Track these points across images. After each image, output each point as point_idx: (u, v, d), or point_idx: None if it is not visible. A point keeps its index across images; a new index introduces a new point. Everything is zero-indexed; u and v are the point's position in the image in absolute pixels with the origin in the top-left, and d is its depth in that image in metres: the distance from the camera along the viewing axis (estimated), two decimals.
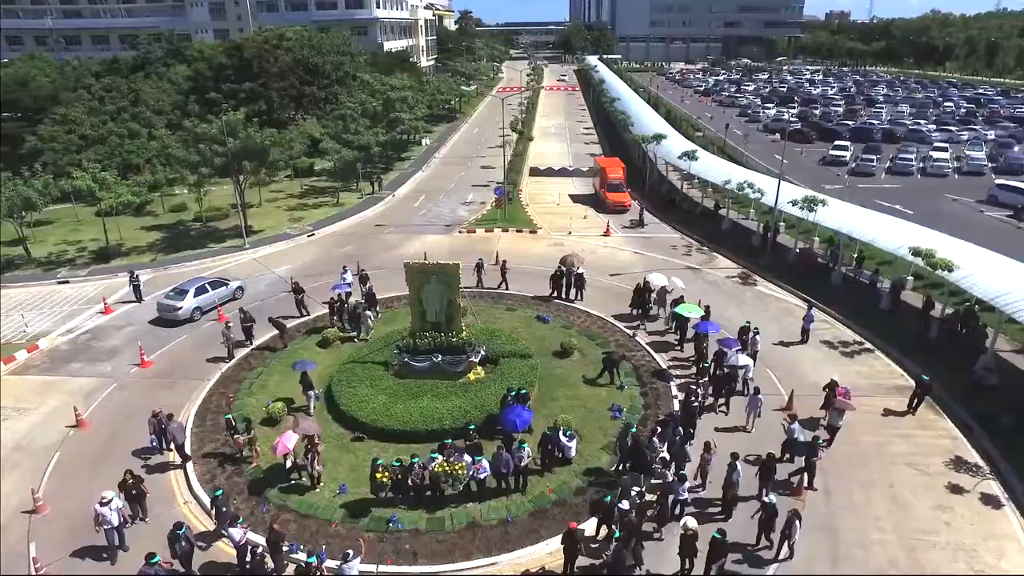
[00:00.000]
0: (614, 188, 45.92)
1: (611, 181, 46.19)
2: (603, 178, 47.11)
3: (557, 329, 26.99)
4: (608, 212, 44.41)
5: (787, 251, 35.29)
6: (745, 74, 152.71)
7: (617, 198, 45.45)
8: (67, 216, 45.58)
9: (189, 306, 29.10)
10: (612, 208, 44.85)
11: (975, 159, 56.29)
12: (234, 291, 31.41)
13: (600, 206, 46.00)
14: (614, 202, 45.20)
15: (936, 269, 24.31)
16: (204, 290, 29.96)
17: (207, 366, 25.02)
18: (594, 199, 48.03)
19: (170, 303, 29.03)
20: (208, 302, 29.87)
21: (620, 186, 46.24)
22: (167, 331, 28.28)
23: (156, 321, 29.07)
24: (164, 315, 29.01)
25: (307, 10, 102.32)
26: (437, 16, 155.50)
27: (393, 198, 50.06)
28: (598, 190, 48.31)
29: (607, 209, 44.83)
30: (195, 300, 29.41)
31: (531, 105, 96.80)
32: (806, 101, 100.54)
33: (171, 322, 28.72)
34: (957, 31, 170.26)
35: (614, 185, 46.04)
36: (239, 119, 40.52)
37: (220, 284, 31.01)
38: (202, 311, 29.54)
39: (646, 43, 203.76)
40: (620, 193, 45.84)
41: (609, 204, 45.17)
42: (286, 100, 66.01)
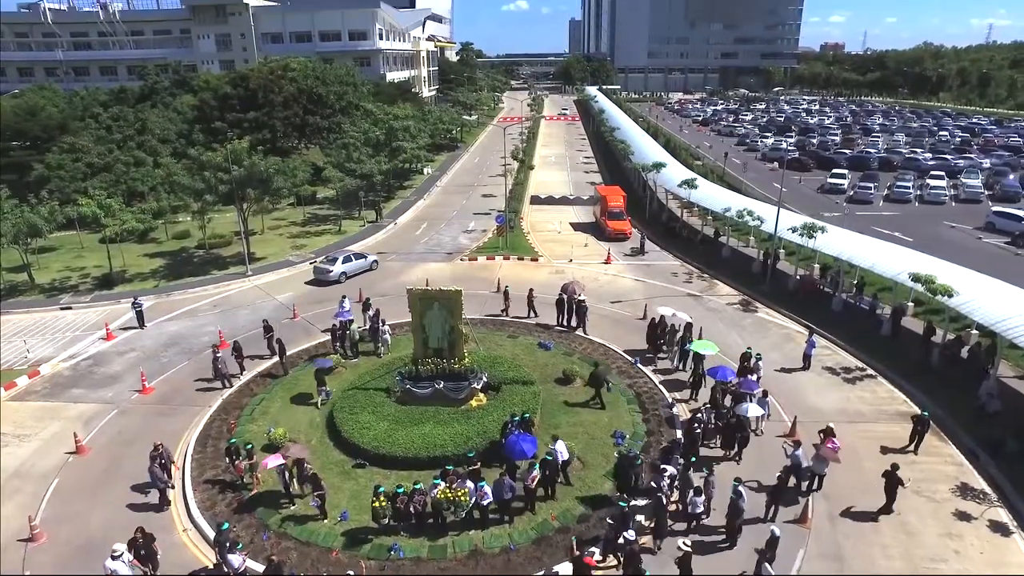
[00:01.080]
0: (614, 216, 46.25)
1: (611, 209, 46.54)
2: (603, 206, 47.45)
3: (559, 356, 26.97)
4: (609, 240, 44.65)
5: (787, 278, 35.42)
6: (743, 104, 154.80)
7: (617, 226, 45.74)
8: (71, 243, 45.87)
9: (338, 271, 37.03)
10: (613, 236, 45.12)
11: (971, 187, 56.84)
12: (371, 263, 39.07)
13: (601, 234, 46.28)
14: (615, 230, 45.47)
15: (936, 295, 24.41)
16: (349, 259, 38.09)
17: (208, 392, 24.96)
18: (595, 227, 48.32)
19: (324, 267, 37.13)
20: (352, 268, 37.74)
21: (620, 214, 46.58)
22: (168, 357, 28.29)
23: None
24: (319, 277, 37.08)
25: (311, 41, 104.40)
26: (439, 48, 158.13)
27: (395, 226, 50.39)
28: (599, 218, 48.61)
29: (607, 237, 45.11)
30: (343, 266, 37.36)
31: (532, 134, 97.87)
32: (803, 130, 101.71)
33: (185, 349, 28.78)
34: (949, 62, 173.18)
35: (614, 213, 46.38)
36: (244, 147, 41.03)
37: (361, 256, 39.31)
38: (347, 275, 37.22)
39: (645, 74, 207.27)
40: (620, 221, 46.17)
41: (610, 232, 45.44)
42: (290, 129, 66.87)
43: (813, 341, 26.34)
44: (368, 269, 38.73)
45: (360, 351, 27.68)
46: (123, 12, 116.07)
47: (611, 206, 46.75)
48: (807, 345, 26.18)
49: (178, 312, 33.59)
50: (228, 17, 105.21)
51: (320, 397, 23.62)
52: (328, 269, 36.99)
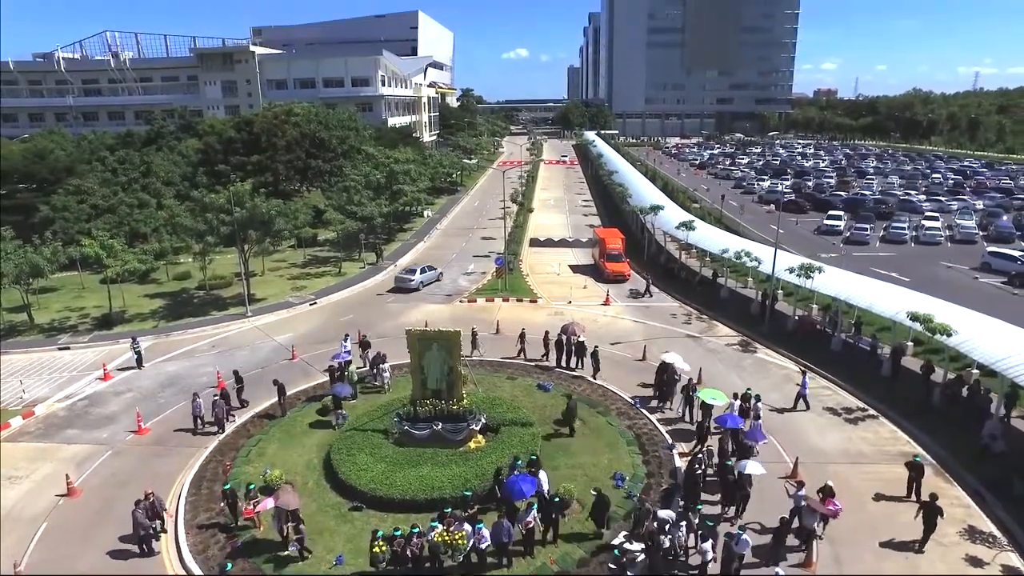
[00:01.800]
0: (613, 258, 46.46)
1: (610, 251, 46.78)
2: (602, 248, 47.76)
3: (558, 397, 26.75)
4: (607, 282, 44.70)
5: (786, 318, 35.48)
6: (739, 148, 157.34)
7: (616, 268, 45.91)
8: (72, 283, 46.06)
9: (417, 280, 44.05)
10: (611, 278, 45.21)
11: (966, 228, 57.45)
12: (438, 275, 46.48)
13: (600, 276, 46.44)
14: (613, 272, 45.61)
15: (935, 334, 24.42)
16: (424, 271, 45.30)
17: (204, 435, 24.69)
18: (594, 269, 48.57)
19: (405, 277, 44.32)
20: (427, 279, 44.93)
21: (619, 256, 46.78)
22: (165, 397, 28.11)
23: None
24: (399, 286, 44.04)
25: (315, 87, 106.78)
26: (440, 94, 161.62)
27: (395, 268, 50.61)
28: (597, 260, 48.89)
29: (606, 279, 45.21)
30: (420, 276, 44.45)
31: (531, 178, 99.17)
32: (799, 173, 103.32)
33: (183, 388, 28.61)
34: (939, 108, 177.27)
35: (613, 255, 46.59)
36: (246, 190, 41.59)
37: (432, 268, 46.59)
38: (424, 284, 44.25)
39: (642, 119, 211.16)
40: (619, 263, 46.35)
41: (608, 274, 45.57)
42: (292, 172, 67.80)
43: (806, 382, 26.19)
44: (436, 280, 45.90)
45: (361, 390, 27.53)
46: (133, 60, 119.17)
47: (609, 248, 47.02)
48: (800, 386, 26.00)
49: (176, 352, 33.52)
50: (235, 65, 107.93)
51: (337, 420, 24.50)
52: (409, 279, 44.17)
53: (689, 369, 26.59)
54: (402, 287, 43.80)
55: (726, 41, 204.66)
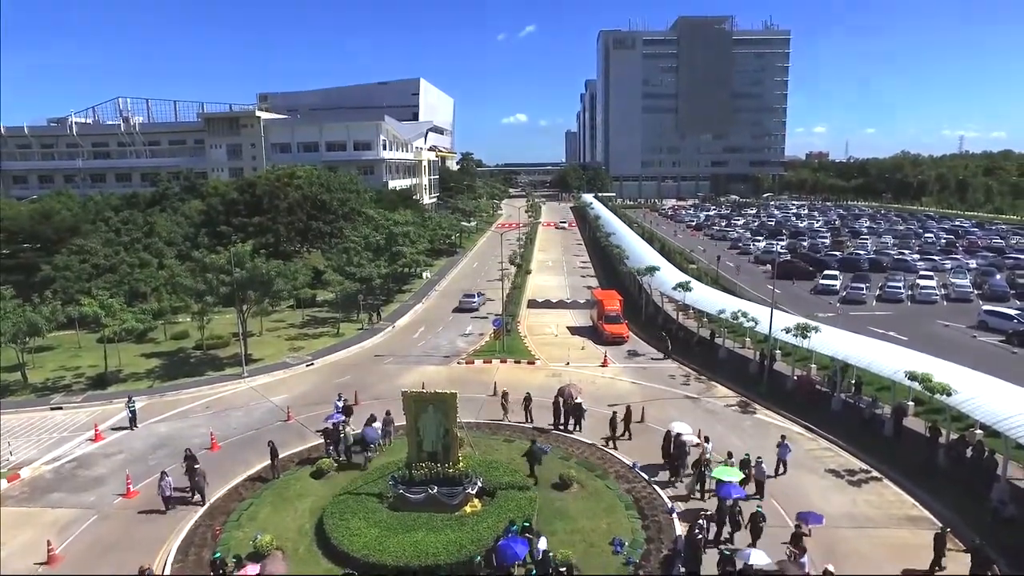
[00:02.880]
0: (611, 320, 46.18)
1: (608, 313, 46.58)
2: (600, 310, 47.61)
3: (556, 460, 26.32)
4: (606, 344, 44.33)
5: (785, 378, 35.28)
6: (734, 209, 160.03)
7: (615, 330, 45.60)
8: (69, 342, 45.95)
9: (476, 302, 56.58)
10: (610, 340, 44.85)
11: (961, 286, 57.87)
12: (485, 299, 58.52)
13: (598, 338, 46.08)
14: (612, 334, 45.25)
15: (934, 393, 24.27)
16: (479, 295, 57.99)
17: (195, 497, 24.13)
18: (592, 331, 48.20)
19: (467, 300, 56.81)
20: (480, 301, 57.14)
21: (617, 318, 46.48)
22: (156, 459, 27.58)
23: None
24: (463, 307, 56.11)
25: (318, 151, 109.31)
26: (440, 157, 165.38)
27: (393, 329, 50.65)
28: (596, 322, 48.62)
29: (605, 341, 44.84)
30: (477, 299, 56.95)
31: (529, 240, 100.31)
32: (794, 234, 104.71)
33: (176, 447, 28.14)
34: (927, 169, 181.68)
35: (611, 317, 46.33)
36: (247, 251, 42.05)
37: (482, 294, 58.85)
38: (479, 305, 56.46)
39: (639, 181, 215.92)
40: (617, 325, 46.02)
41: (607, 336, 45.21)
42: (293, 234, 68.67)
43: (788, 445, 25.23)
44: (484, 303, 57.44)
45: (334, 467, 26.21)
46: (143, 124, 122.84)
47: (608, 310, 46.81)
48: (780, 449, 25.03)
49: (171, 413, 33.13)
50: (240, 129, 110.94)
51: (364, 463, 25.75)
52: (471, 301, 56.29)
53: (699, 442, 25.31)
54: (465, 308, 55.79)
55: (719, 106, 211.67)
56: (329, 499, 22.73)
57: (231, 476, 25.49)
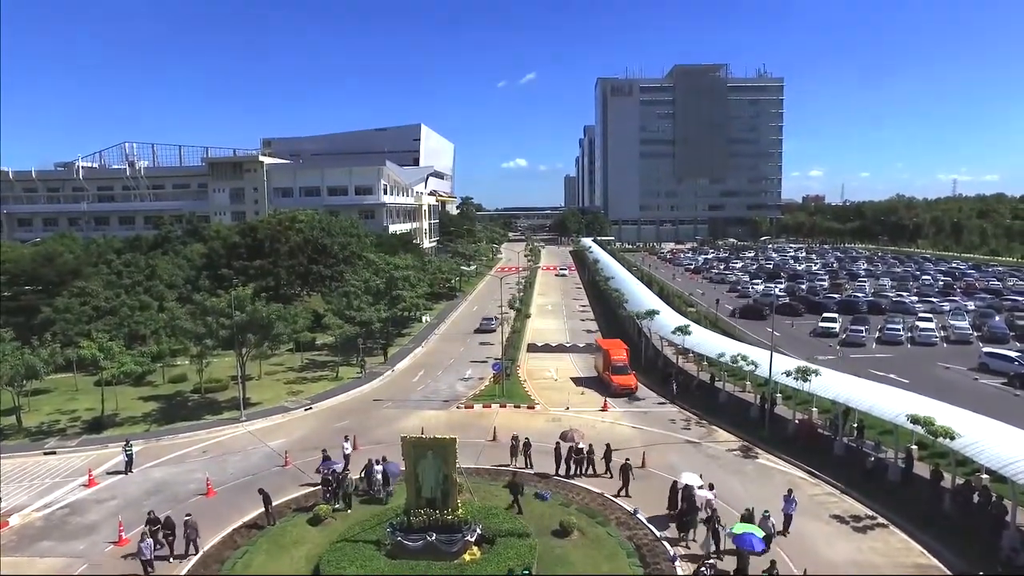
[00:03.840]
0: (619, 371, 43.99)
1: (615, 363, 44.36)
2: (606, 360, 45.36)
3: (556, 507, 25.93)
4: (614, 396, 42.21)
5: (786, 422, 35.01)
6: (732, 252, 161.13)
7: (623, 381, 43.42)
8: (66, 385, 45.70)
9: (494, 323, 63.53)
10: (618, 391, 42.73)
11: (960, 328, 57.95)
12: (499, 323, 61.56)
13: (605, 389, 43.72)
14: (620, 385, 43.10)
15: (937, 437, 24.07)
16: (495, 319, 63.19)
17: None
18: (597, 382, 46.16)
19: (486, 322, 65.48)
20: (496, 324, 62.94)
21: (625, 368, 44.30)
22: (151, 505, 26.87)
23: None
24: (483, 328, 64.69)
25: (320, 195, 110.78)
26: (440, 201, 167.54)
27: (392, 373, 50.42)
28: (601, 373, 46.50)
29: (613, 393, 42.61)
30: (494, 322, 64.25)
31: (529, 284, 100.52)
32: (792, 276, 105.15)
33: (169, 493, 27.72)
34: (922, 212, 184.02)
35: (618, 367, 44.16)
36: (247, 294, 42.21)
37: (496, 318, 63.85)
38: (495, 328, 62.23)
39: (637, 225, 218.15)
40: (625, 375, 43.81)
41: (615, 388, 43.03)
42: (294, 277, 68.91)
43: (794, 500, 24.05)
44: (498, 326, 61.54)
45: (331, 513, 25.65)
46: (148, 168, 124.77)
47: (614, 360, 44.57)
48: (785, 504, 23.87)
49: (167, 457, 32.75)
50: (244, 173, 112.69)
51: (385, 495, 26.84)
52: (490, 324, 64.06)
53: (711, 497, 24.01)
54: (484, 329, 64.40)
55: (715, 151, 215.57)
56: (326, 547, 22.30)
57: (226, 523, 25.06)
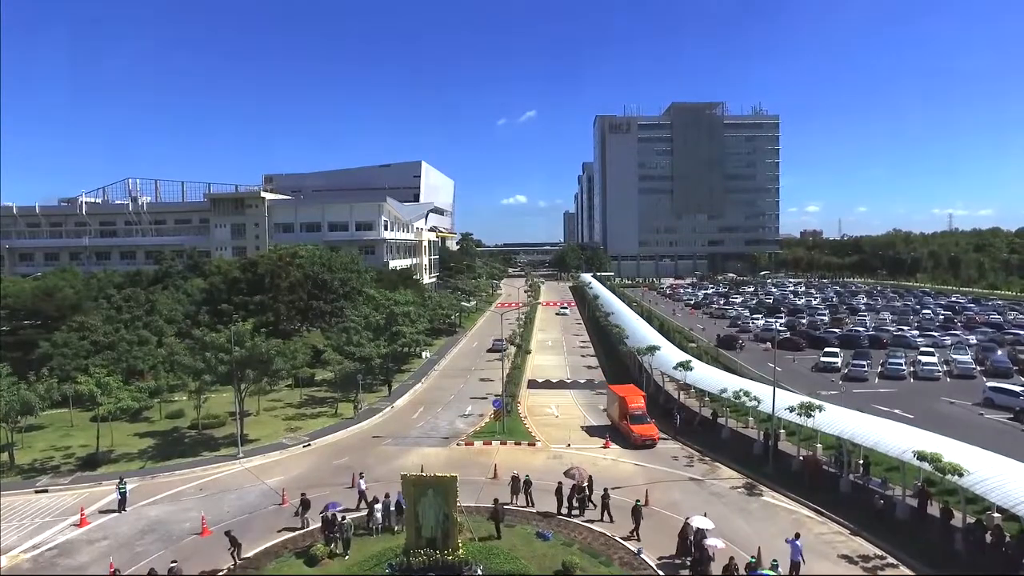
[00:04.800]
0: (638, 420, 40.39)
1: (633, 412, 40.81)
2: (622, 409, 41.69)
3: (558, 547, 25.38)
4: (634, 448, 38.88)
5: (790, 458, 34.52)
6: (732, 287, 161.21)
7: (644, 431, 39.62)
8: (61, 421, 45.25)
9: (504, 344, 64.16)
10: (639, 443, 38.98)
11: (963, 363, 57.67)
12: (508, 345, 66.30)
13: (624, 440, 40.17)
14: (642, 436, 39.30)
15: (945, 474, 23.69)
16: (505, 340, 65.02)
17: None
18: (612, 431, 42.23)
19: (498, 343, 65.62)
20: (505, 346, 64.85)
21: (644, 417, 40.70)
22: (143, 546, 26.54)
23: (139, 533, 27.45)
24: (495, 348, 68.75)
25: (320, 231, 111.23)
26: (440, 237, 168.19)
27: (392, 409, 49.94)
28: (618, 422, 42.58)
29: (633, 444, 39.16)
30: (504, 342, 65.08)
31: (528, 319, 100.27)
32: (792, 311, 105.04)
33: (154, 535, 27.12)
34: (920, 246, 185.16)
35: (637, 416, 40.59)
36: (247, 329, 42.05)
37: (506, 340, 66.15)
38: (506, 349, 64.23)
39: (636, 260, 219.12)
40: (646, 425, 40.13)
41: (635, 439, 39.28)
42: (294, 312, 68.78)
43: (799, 545, 23.07)
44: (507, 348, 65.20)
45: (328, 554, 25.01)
46: (150, 204, 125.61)
47: (632, 408, 40.98)
48: (791, 548, 22.89)
49: (162, 495, 32.16)
50: (245, 209, 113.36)
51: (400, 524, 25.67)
52: (501, 344, 62.95)
53: (725, 545, 23.30)
54: (497, 349, 66.92)
55: (713, 187, 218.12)
56: None
57: (221, 562, 24.46)
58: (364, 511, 27.26)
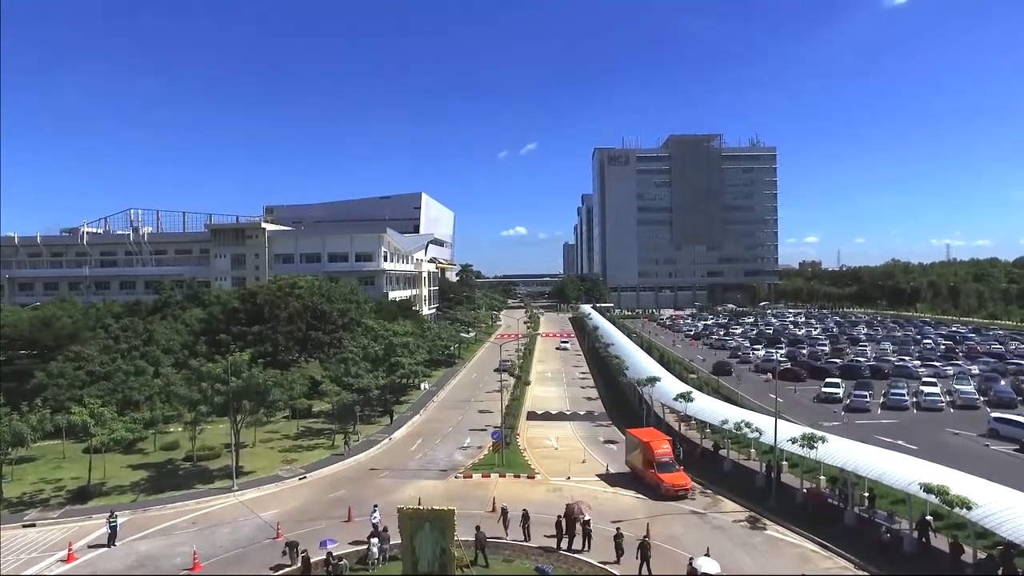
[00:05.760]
0: (666, 467, 35.93)
1: (660, 459, 36.27)
2: (647, 455, 37.04)
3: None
4: (663, 499, 34.62)
5: (794, 491, 33.96)
6: (732, 318, 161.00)
7: (675, 480, 35.21)
8: (53, 452, 44.67)
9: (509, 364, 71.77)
10: (671, 493, 34.70)
11: (966, 393, 57.18)
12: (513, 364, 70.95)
13: (648, 490, 35.89)
14: (674, 486, 34.80)
15: (953, 507, 23.23)
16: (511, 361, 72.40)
17: None
18: (631, 479, 38.33)
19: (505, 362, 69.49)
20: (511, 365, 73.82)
21: (672, 464, 36.34)
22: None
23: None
24: (502, 367, 67.36)
25: (320, 262, 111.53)
26: (440, 269, 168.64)
27: (390, 441, 49.34)
28: (642, 471, 37.59)
29: (661, 495, 34.80)
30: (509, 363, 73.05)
31: (528, 351, 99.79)
32: (793, 341, 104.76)
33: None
34: (918, 276, 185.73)
35: (664, 464, 36.10)
36: (244, 359, 41.78)
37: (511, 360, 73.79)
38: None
39: (636, 291, 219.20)
40: (675, 473, 35.83)
41: (666, 489, 34.77)
42: (292, 343, 68.53)
43: None
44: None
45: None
46: (151, 234, 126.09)
47: (658, 455, 36.46)
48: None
49: (153, 529, 31.53)
50: (246, 240, 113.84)
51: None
52: (507, 364, 68.56)
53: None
54: (504, 368, 66.63)
55: (711, 218, 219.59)
56: None
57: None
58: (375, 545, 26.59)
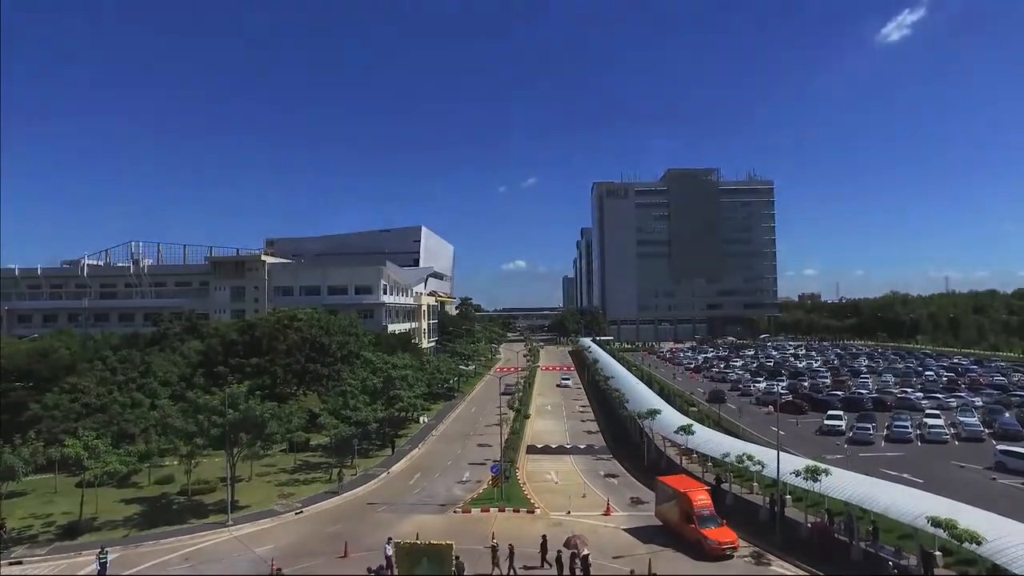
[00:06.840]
0: (708, 521, 31.73)
1: (700, 511, 32.02)
2: (685, 507, 32.62)
3: None
4: (709, 558, 30.35)
5: (798, 525, 33.36)
6: (732, 350, 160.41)
7: (722, 536, 30.99)
8: (45, 486, 44.00)
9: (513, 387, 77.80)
10: (716, 552, 30.44)
11: (970, 425, 56.66)
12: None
13: (691, 549, 31.39)
14: (721, 543, 30.60)
15: (962, 542, 22.78)
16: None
17: None
18: (663, 533, 34.10)
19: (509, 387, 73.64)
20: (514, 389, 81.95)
21: (715, 518, 32.13)
22: None
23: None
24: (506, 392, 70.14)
25: (320, 294, 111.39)
26: (440, 302, 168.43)
27: (388, 475, 48.70)
28: (680, 525, 33.04)
29: (707, 554, 30.47)
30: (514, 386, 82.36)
31: (528, 384, 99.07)
32: (794, 374, 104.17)
33: None
34: (918, 308, 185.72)
35: (706, 517, 31.91)
36: (242, 391, 41.47)
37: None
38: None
39: (636, 325, 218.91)
40: (720, 528, 31.56)
41: (712, 547, 30.47)
42: (290, 376, 68.08)
43: None
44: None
45: None
46: (152, 266, 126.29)
47: (698, 507, 32.14)
48: None
49: (145, 565, 30.90)
50: (246, 272, 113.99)
51: None
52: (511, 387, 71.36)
53: None
54: (507, 392, 71.00)
55: (710, 251, 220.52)
56: None
57: None
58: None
